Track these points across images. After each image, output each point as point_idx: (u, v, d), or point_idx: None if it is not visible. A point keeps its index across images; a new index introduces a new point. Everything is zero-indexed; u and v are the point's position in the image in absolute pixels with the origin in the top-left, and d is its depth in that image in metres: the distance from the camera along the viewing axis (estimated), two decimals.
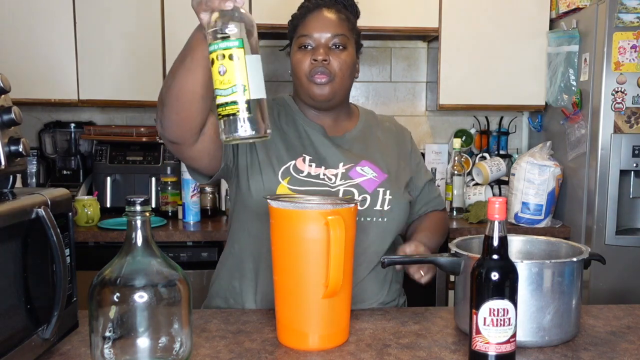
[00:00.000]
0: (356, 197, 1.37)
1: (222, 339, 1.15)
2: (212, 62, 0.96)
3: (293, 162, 1.38)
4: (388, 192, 1.40)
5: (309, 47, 1.37)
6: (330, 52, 1.37)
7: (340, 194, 1.36)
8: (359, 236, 1.34)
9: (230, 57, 0.94)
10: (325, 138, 1.42)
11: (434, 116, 3.19)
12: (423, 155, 3.01)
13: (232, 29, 0.96)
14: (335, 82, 1.37)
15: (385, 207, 1.39)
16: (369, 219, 1.38)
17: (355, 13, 1.45)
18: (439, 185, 2.85)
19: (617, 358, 1.08)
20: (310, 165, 1.38)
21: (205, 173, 1.38)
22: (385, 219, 1.39)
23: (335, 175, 1.38)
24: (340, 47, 1.38)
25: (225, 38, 0.95)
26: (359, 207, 1.36)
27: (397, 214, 1.41)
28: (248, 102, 0.95)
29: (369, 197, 1.38)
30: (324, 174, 1.38)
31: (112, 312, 0.93)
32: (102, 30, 2.67)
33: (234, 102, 0.95)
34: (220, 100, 0.96)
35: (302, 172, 1.37)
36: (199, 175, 1.39)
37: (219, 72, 0.95)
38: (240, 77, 0.95)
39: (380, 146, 1.48)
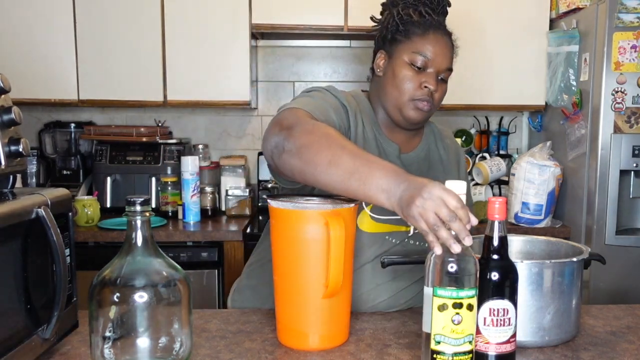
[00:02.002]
0: None
1: (222, 339, 1.15)
2: (443, 306, 0.90)
3: None
4: None
5: (422, 68, 1.31)
6: (437, 81, 1.33)
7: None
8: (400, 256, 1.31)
9: (468, 307, 0.91)
10: (399, 160, 1.38)
11: (434, 116, 3.17)
12: None
13: (470, 274, 0.91)
14: (432, 110, 1.35)
15: None
16: (418, 243, 1.36)
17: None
18: None
19: (617, 358, 1.08)
20: None
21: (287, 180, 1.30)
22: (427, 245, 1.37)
23: None
24: (445, 80, 1.36)
25: (458, 281, 0.90)
26: (412, 230, 1.34)
27: None
28: (472, 352, 0.93)
29: None
30: None
31: (112, 312, 0.93)
32: (102, 30, 2.67)
33: (465, 353, 0.91)
34: (445, 348, 0.91)
35: None
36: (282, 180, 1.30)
37: (452, 321, 0.90)
38: (471, 328, 0.92)
39: (443, 168, 1.46)
